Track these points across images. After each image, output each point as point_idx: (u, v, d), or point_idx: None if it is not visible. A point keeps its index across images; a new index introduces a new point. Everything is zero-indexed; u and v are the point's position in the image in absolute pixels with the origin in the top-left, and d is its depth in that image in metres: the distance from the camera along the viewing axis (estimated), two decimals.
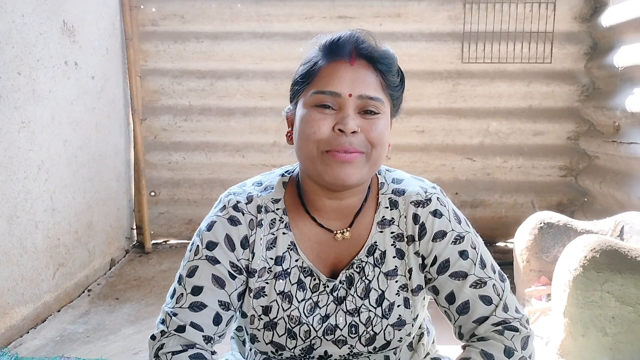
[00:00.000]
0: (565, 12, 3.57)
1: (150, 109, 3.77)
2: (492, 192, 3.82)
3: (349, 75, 1.03)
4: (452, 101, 3.71)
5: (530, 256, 2.56)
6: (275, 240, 1.11)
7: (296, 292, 1.10)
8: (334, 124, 1.02)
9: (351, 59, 1.04)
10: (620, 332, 2.02)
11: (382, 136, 1.04)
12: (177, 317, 1.06)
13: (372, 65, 1.06)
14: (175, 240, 3.93)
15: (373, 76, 1.05)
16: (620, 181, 3.11)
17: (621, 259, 2.02)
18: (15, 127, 2.44)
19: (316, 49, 1.09)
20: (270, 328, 1.09)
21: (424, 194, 1.12)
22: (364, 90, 1.03)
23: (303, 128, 1.04)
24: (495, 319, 1.07)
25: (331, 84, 1.03)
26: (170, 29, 3.69)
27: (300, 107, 1.07)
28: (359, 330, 1.09)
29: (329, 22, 3.61)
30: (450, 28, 3.62)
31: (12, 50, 2.41)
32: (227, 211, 1.11)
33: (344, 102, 1.02)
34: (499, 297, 1.09)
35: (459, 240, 1.10)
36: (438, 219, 1.10)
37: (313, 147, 1.03)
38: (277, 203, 1.13)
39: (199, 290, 1.07)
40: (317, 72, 1.05)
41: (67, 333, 2.54)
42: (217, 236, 1.09)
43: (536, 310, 2.43)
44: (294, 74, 1.11)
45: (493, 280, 1.09)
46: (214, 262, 1.08)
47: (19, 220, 2.47)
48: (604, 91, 3.42)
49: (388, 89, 1.07)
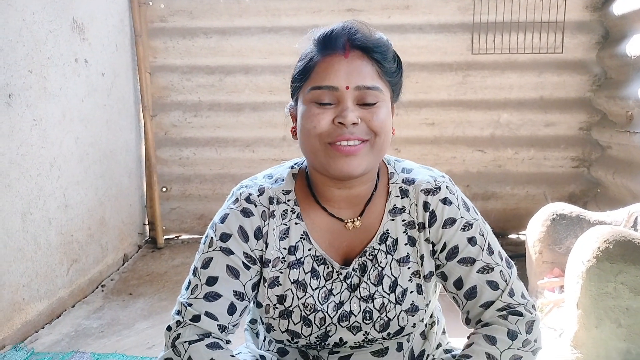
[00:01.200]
0: (576, 1, 3.52)
1: (160, 105, 3.79)
2: (503, 184, 3.80)
3: (344, 67, 1.04)
4: (462, 93, 3.69)
5: (543, 248, 2.54)
6: (288, 230, 1.14)
7: (310, 280, 1.12)
8: (334, 117, 1.03)
9: (345, 51, 1.04)
10: (634, 323, 2.00)
11: (384, 124, 1.05)
12: (192, 307, 1.08)
13: (367, 54, 1.06)
14: (187, 235, 3.95)
15: (369, 65, 1.05)
16: (633, 171, 3.08)
17: (635, 250, 1.99)
18: (28, 125, 2.46)
19: (311, 44, 1.09)
20: (285, 316, 1.11)
21: (433, 183, 1.14)
22: (360, 81, 1.03)
23: (304, 124, 1.06)
24: (500, 304, 1.09)
25: (327, 78, 1.03)
26: (178, 25, 3.69)
27: (300, 104, 1.09)
28: (373, 317, 1.11)
29: (337, 15, 3.60)
30: (460, 19, 3.59)
31: (22, 48, 2.42)
32: (239, 203, 1.14)
33: (342, 94, 1.03)
34: (506, 282, 1.11)
35: (468, 227, 1.12)
36: (448, 206, 1.12)
37: (315, 141, 1.05)
38: (288, 194, 1.15)
39: (214, 281, 1.09)
40: (313, 67, 1.06)
41: (82, 328, 2.57)
42: (231, 228, 1.12)
43: (549, 302, 2.42)
44: (293, 71, 1.12)
45: (500, 267, 1.11)
46: (228, 253, 1.11)
47: (32, 217, 2.50)
48: (616, 80, 3.38)
49: (385, 76, 1.07)
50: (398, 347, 1.18)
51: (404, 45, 3.52)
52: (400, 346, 1.18)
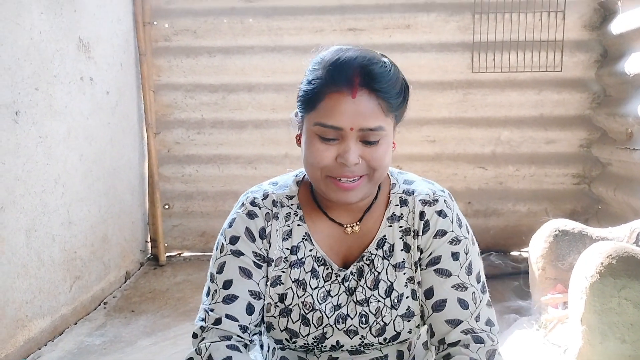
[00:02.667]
0: (574, 20, 3.58)
1: (163, 122, 3.82)
2: (505, 201, 3.81)
3: (350, 108, 1.03)
4: (463, 110, 3.72)
5: (546, 264, 2.55)
6: (290, 231, 1.18)
7: (310, 279, 1.16)
8: (337, 154, 1.06)
9: (352, 90, 1.03)
10: (639, 339, 2.00)
11: (383, 159, 1.08)
12: (214, 312, 1.12)
13: (375, 93, 1.05)
14: (189, 252, 3.96)
15: (375, 103, 1.04)
16: (634, 188, 3.09)
17: (638, 265, 2.00)
18: (33, 142, 2.49)
19: (320, 69, 1.07)
20: (285, 314, 1.15)
21: (432, 195, 1.18)
22: (364, 123, 1.04)
23: (308, 155, 1.09)
24: (465, 326, 1.10)
25: (333, 117, 1.04)
26: (182, 44, 3.75)
27: (305, 130, 1.10)
28: (369, 321, 1.14)
29: (339, 34, 3.65)
30: (460, 38, 3.64)
31: (30, 66, 2.46)
32: (245, 207, 1.19)
33: (346, 134, 1.05)
34: (476, 306, 1.12)
35: (456, 242, 1.15)
36: (442, 218, 1.16)
37: (317, 172, 1.09)
38: (291, 199, 1.20)
39: (229, 284, 1.13)
40: (319, 100, 1.06)
41: (85, 345, 2.56)
42: (238, 230, 1.17)
43: (553, 318, 2.42)
44: (299, 86, 1.12)
45: (473, 289, 1.13)
46: (238, 255, 1.15)
47: (36, 234, 2.50)
48: (616, 98, 3.41)
49: (390, 110, 1.07)
50: (398, 355, 1.20)
51: (404, 63, 3.55)
52: (401, 355, 1.20)
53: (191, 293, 3.23)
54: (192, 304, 3.07)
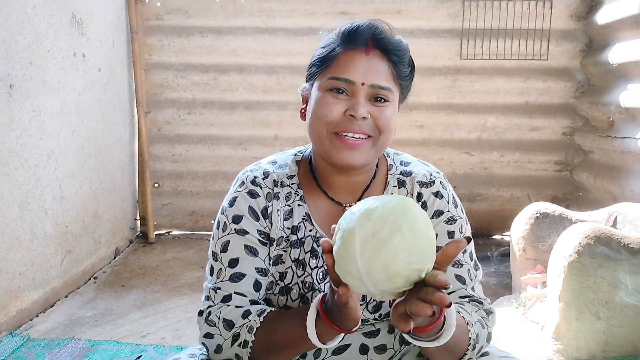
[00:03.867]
0: (561, 10, 3.65)
1: (154, 102, 3.84)
2: (489, 186, 3.90)
3: (363, 64, 1.10)
4: (450, 97, 3.79)
5: (527, 245, 2.64)
6: (291, 211, 1.20)
7: (309, 259, 1.19)
8: (346, 109, 1.10)
9: (367, 48, 1.11)
10: (612, 317, 2.10)
11: (389, 122, 1.12)
12: (221, 290, 1.15)
13: (386, 55, 1.12)
14: (178, 231, 4.00)
15: (386, 66, 1.12)
16: (614, 175, 3.19)
17: (614, 246, 2.09)
18: (27, 116, 2.50)
19: (335, 35, 1.16)
20: (284, 293, 1.18)
21: (429, 176, 1.23)
22: (376, 79, 1.10)
23: (316, 109, 1.12)
24: (463, 292, 1.18)
25: (346, 71, 1.10)
26: (174, 24, 3.75)
27: (316, 89, 1.15)
28: (366, 298, 1.18)
29: (331, 18, 3.68)
30: (450, 25, 3.70)
31: (24, 40, 2.47)
32: (246, 186, 1.20)
33: (357, 89, 1.10)
34: (471, 280, 1.19)
35: (451, 221, 1.21)
36: (439, 199, 1.21)
37: (323, 128, 1.11)
38: (291, 179, 1.22)
39: (236, 262, 1.15)
40: (334, 58, 1.12)
41: (76, 317, 2.60)
42: (241, 209, 1.18)
43: (532, 296, 2.51)
44: (312, 56, 1.19)
45: (468, 266, 1.20)
46: (243, 234, 1.17)
47: (29, 207, 2.53)
48: (599, 87, 3.50)
49: (399, 78, 1.14)
50: (390, 329, 1.24)
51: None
52: (392, 328, 1.24)
53: (180, 270, 3.27)
54: (181, 280, 3.12)
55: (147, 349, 2.26)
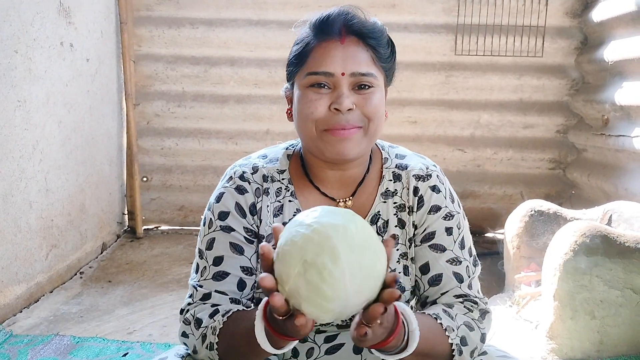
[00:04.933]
0: (557, 7, 3.63)
1: (143, 94, 3.76)
2: (482, 184, 3.87)
3: (340, 53, 1.05)
4: (444, 93, 3.75)
5: (521, 243, 2.61)
6: (282, 207, 1.16)
7: None
8: (330, 103, 1.06)
9: (341, 37, 1.06)
10: (607, 316, 2.08)
11: (377, 109, 1.08)
12: (203, 287, 1.11)
13: (362, 40, 1.08)
14: (166, 226, 3.93)
15: (364, 51, 1.07)
16: (608, 173, 3.18)
17: (610, 245, 2.07)
18: (12, 106, 2.43)
19: (307, 29, 1.11)
20: None
21: (425, 170, 1.18)
22: (355, 67, 1.05)
23: (301, 109, 1.08)
24: (458, 291, 1.14)
25: (324, 64, 1.05)
26: (164, 14, 3.68)
27: (297, 88, 1.11)
28: None
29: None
30: (444, 20, 3.66)
31: (9, 28, 2.39)
32: (233, 181, 1.15)
33: (338, 80, 1.05)
34: (469, 277, 1.16)
35: (449, 217, 1.16)
36: (436, 194, 1.17)
37: (312, 126, 1.07)
38: (282, 174, 1.18)
39: (220, 260, 1.11)
40: (309, 52, 1.08)
41: (61, 313, 2.54)
42: (228, 205, 1.14)
43: (526, 294, 2.48)
44: (289, 54, 1.14)
45: (467, 262, 1.16)
46: (229, 231, 1.12)
47: (13, 199, 2.46)
48: (594, 85, 3.48)
49: (380, 61, 1.10)
50: None
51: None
52: None
53: (169, 265, 3.22)
54: (169, 276, 3.06)
55: (134, 346, 2.20)
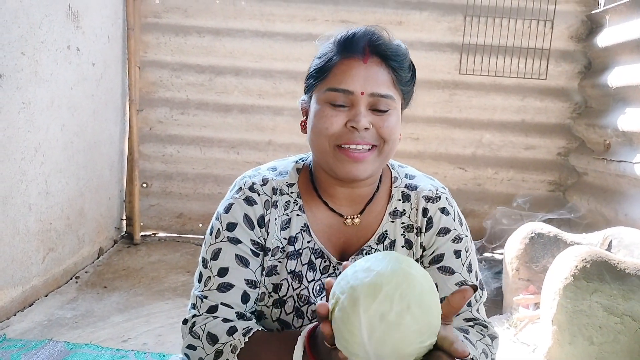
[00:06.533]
0: (562, 30, 3.65)
1: (147, 100, 3.76)
2: (482, 203, 3.87)
3: (361, 73, 1.05)
4: (447, 111, 3.77)
5: (520, 265, 2.60)
6: (289, 221, 1.15)
7: (306, 272, 1.14)
8: (347, 120, 1.05)
9: (364, 56, 1.06)
10: (606, 342, 2.06)
11: (393, 131, 1.08)
12: (208, 299, 1.09)
13: (385, 62, 1.07)
14: (164, 233, 3.91)
15: (385, 73, 1.07)
16: (608, 198, 3.18)
17: (611, 270, 2.06)
18: (16, 108, 2.43)
19: (331, 44, 1.11)
20: (279, 305, 1.13)
21: (435, 191, 1.18)
22: (375, 88, 1.05)
23: (316, 123, 1.07)
24: (469, 315, 1.13)
25: (344, 81, 1.05)
26: (172, 22, 3.69)
27: (314, 102, 1.10)
28: None
29: (331, 25, 3.64)
30: (450, 39, 3.68)
31: (17, 29, 2.40)
32: (243, 192, 1.15)
33: (357, 99, 1.05)
34: (477, 301, 1.15)
35: (458, 240, 1.16)
36: (445, 216, 1.16)
37: (325, 141, 1.06)
38: (291, 187, 1.17)
39: (225, 272, 1.10)
40: (330, 68, 1.07)
41: (55, 318, 2.52)
42: (236, 216, 1.13)
43: (524, 317, 2.47)
44: (309, 66, 1.14)
45: None
46: (236, 242, 1.11)
47: (13, 201, 2.45)
48: (596, 110, 3.49)
49: (399, 84, 1.09)
50: None
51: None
52: None
53: (165, 273, 3.20)
54: (166, 284, 3.04)
55: (128, 355, 2.18)
